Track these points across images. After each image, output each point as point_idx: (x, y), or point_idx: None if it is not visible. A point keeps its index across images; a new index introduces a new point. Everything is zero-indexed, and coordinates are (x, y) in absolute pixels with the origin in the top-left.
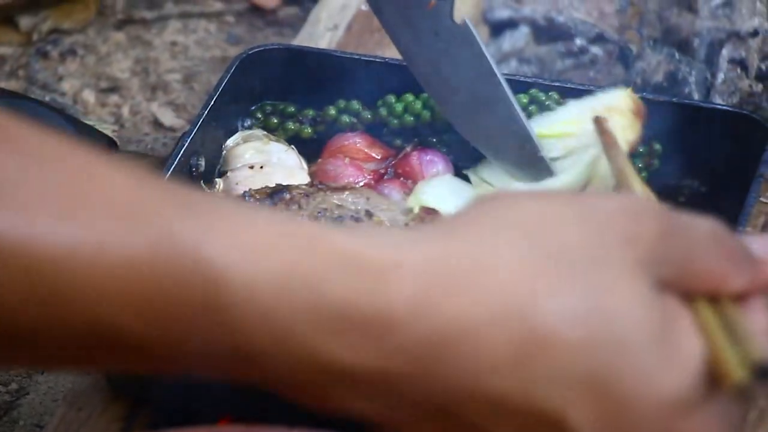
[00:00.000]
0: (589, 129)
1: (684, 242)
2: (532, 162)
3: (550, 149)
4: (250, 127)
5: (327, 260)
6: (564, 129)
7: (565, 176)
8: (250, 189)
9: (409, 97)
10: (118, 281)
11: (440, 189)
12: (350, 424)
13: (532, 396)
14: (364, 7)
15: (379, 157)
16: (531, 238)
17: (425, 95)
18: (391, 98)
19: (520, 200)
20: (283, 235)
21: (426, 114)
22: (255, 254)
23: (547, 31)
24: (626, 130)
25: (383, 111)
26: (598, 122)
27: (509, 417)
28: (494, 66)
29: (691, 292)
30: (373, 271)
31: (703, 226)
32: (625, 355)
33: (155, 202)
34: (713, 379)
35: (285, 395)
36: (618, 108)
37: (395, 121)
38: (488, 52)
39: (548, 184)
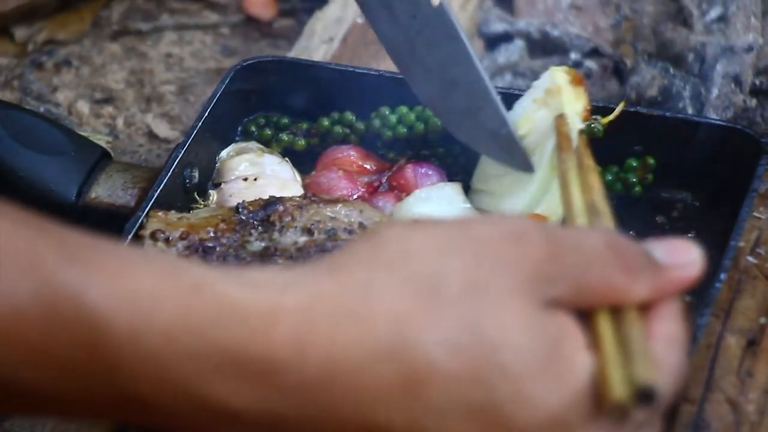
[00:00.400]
0: (540, 122)
1: (574, 258)
2: (510, 149)
3: None
4: (244, 139)
5: (210, 308)
6: (519, 131)
7: (538, 173)
8: (243, 201)
9: (403, 108)
10: (5, 329)
11: (429, 199)
12: None
13: (419, 428)
14: (360, 20)
15: (372, 170)
16: (409, 271)
17: (419, 107)
18: (385, 110)
19: (401, 233)
20: (167, 283)
21: (419, 126)
22: (139, 302)
23: (542, 45)
24: (574, 102)
25: (377, 122)
26: (557, 122)
27: None
28: (470, 49)
29: (590, 307)
30: (256, 316)
31: (594, 240)
32: (507, 380)
33: (39, 249)
34: (599, 397)
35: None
36: (557, 87)
37: (389, 133)
38: (464, 35)
39: (527, 182)
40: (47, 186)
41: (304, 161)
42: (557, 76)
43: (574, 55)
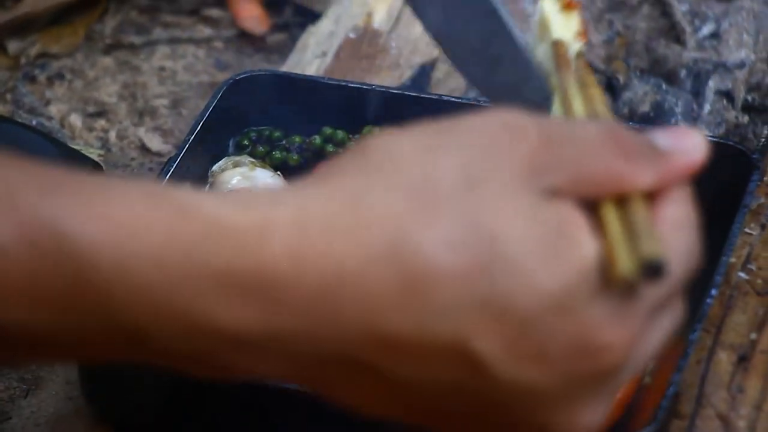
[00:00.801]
0: (543, 57)
1: (571, 148)
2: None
3: None
4: (237, 153)
5: (198, 228)
6: None
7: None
8: None
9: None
10: None
11: None
12: None
13: (428, 330)
14: (352, 35)
15: None
16: (400, 174)
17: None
18: (377, 131)
19: (388, 138)
20: (151, 207)
21: None
22: (124, 229)
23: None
24: (565, 28)
25: None
26: (555, 48)
27: (411, 357)
28: (510, 23)
29: (592, 196)
30: (246, 232)
31: (592, 129)
32: (510, 270)
33: (19, 184)
34: (605, 276)
35: (190, 371)
36: (545, 17)
37: None
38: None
39: None
40: None
41: (296, 175)
42: (545, 5)
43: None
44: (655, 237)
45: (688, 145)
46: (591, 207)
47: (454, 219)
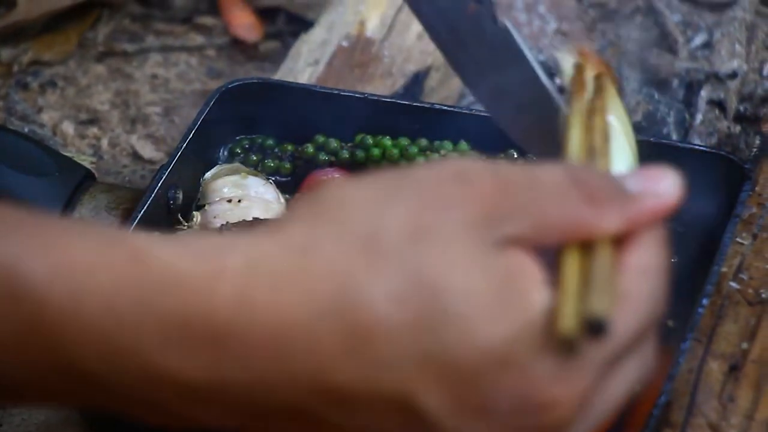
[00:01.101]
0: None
1: (529, 194)
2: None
3: None
4: (229, 161)
5: (149, 275)
6: None
7: None
8: (227, 222)
9: (387, 141)
10: None
11: None
12: None
13: (373, 383)
14: (345, 43)
15: None
16: (347, 225)
17: (402, 141)
18: (369, 140)
19: (339, 188)
20: (106, 251)
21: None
22: (77, 271)
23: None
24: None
25: (360, 153)
26: (576, 69)
27: (359, 409)
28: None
29: (555, 243)
30: (196, 280)
31: (552, 174)
32: (456, 324)
33: None
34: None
35: (148, 420)
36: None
37: (373, 166)
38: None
39: None
40: (31, 206)
41: (288, 183)
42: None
43: (559, 80)
44: (608, 290)
45: (660, 188)
46: (558, 254)
47: (398, 272)
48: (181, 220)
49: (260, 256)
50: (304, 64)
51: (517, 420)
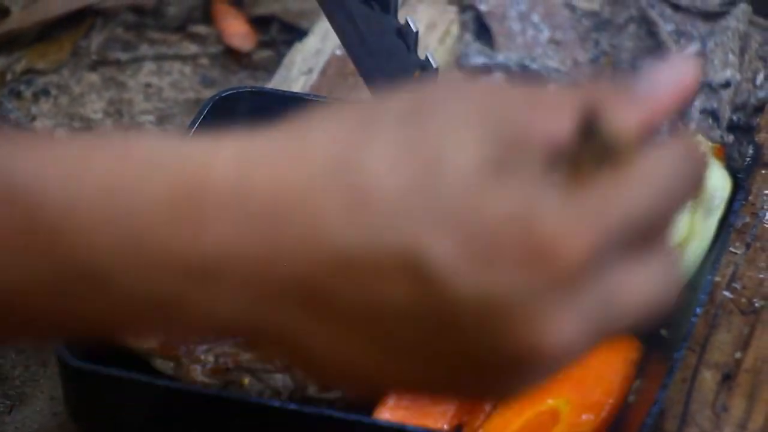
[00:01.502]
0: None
1: (536, 95)
2: None
3: None
4: None
5: (143, 161)
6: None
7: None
8: None
9: None
10: None
11: None
12: None
13: (376, 244)
14: (339, 52)
15: None
16: (347, 112)
17: None
18: None
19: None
20: (98, 147)
21: None
22: (71, 168)
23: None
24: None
25: None
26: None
27: (366, 276)
28: None
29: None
30: (191, 157)
31: (562, 92)
32: (454, 175)
33: None
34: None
35: (137, 333)
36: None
37: None
38: None
39: None
40: None
41: None
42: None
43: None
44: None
45: (673, 74)
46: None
47: (396, 138)
48: None
49: (255, 139)
50: (298, 72)
51: (530, 264)
